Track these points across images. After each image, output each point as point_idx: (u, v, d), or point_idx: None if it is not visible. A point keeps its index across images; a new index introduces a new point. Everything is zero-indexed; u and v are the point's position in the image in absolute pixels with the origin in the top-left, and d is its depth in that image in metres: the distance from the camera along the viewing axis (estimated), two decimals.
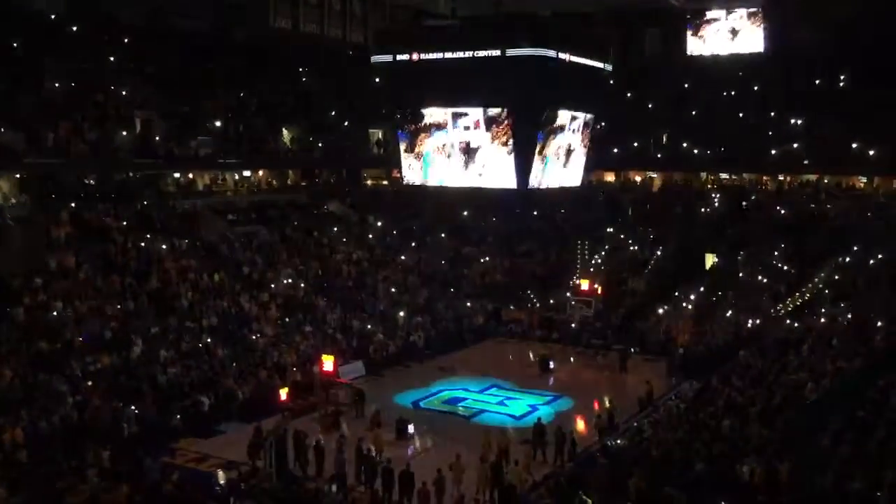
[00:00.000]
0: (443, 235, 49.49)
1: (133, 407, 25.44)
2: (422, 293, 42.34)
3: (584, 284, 40.56)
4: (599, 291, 40.60)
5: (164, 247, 35.36)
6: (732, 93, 55.29)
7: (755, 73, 54.53)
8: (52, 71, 38.09)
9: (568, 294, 41.51)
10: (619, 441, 24.07)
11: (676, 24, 57.84)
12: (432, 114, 29.77)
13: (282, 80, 50.39)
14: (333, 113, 51.91)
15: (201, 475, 22.33)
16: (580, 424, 27.64)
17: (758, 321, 37.29)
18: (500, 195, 36.57)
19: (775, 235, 44.11)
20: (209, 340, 30.97)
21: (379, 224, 48.17)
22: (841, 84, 52.44)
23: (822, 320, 35.14)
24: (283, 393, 27.96)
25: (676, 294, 41.85)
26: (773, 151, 50.18)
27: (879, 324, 32.47)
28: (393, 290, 41.35)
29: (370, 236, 46.43)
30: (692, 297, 41.11)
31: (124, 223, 35.49)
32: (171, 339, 30.04)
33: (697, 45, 57.25)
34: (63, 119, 36.11)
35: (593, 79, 31.00)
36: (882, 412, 21.61)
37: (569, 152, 30.96)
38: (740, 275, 42.54)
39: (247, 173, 46.40)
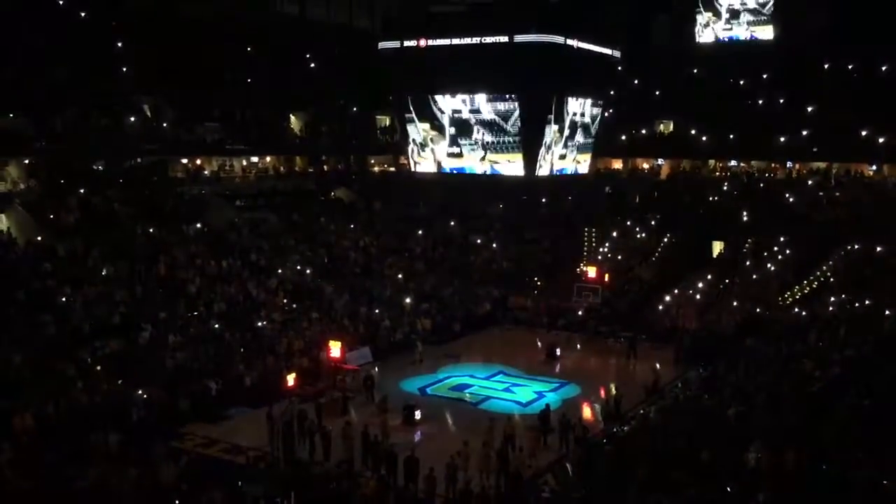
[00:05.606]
0: (451, 223, 49.43)
1: (141, 392, 25.60)
2: (428, 280, 42.36)
3: (592, 272, 40.51)
4: (606, 279, 40.56)
5: (171, 233, 35.44)
6: (741, 80, 55.02)
7: (764, 60, 54.20)
8: (60, 57, 38.10)
9: (575, 282, 41.44)
10: (625, 428, 24.09)
11: (685, 10, 57.56)
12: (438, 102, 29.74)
13: (289, 66, 50.31)
14: (342, 101, 51.83)
15: (210, 460, 22.53)
16: (586, 411, 27.66)
17: (765, 309, 37.21)
18: (508, 183, 36.50)
19: (783, 223, 43.94)
20: (217, 326, 31.10)
21: (386, 211, 48.14)
22: (850, 72, 52.07)
23: (830, 308, 35.08)
24: (291, 379, 28.10)
25: (683, 282, 41.77)
26: (782, 139, 49.94)
27: (887, 312, 32.42)
28: (400, 276, 41.36)
29: (377, 223, 46.42)
30: (699, 284, 41.02)
31: (132, 209, 35.57)
32: (179, 325, 30.19)
33: (706, 32, 57.06)
34: (71, 105, 36.15)
35: (601, 66, 30.89)
36: (889, 400, 21.59)
37: (576, 139, 30.94)
38: (747, 263, 42.44)
39: (254, 159, 46.42)
